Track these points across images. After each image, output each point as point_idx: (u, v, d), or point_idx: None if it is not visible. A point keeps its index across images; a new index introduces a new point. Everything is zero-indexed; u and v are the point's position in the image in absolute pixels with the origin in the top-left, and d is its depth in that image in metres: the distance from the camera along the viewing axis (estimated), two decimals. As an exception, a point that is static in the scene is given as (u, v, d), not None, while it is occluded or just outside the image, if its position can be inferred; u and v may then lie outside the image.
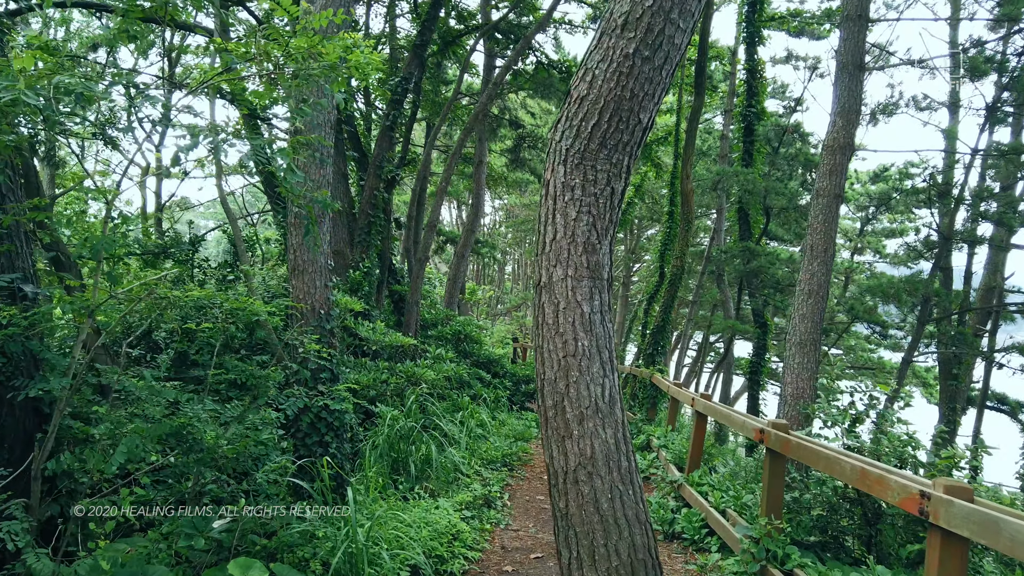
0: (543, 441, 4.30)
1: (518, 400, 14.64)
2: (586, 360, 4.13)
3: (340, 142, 12.47)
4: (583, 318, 4.16)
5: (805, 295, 8.57)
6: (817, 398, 7.55)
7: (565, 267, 4.21)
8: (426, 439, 8.60)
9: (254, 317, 5.98)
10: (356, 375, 9.50)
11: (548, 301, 4.24)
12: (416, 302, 12.82)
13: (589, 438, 4.06)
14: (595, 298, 4.22)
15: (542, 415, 4.27)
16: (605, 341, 4.21)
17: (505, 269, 49.63)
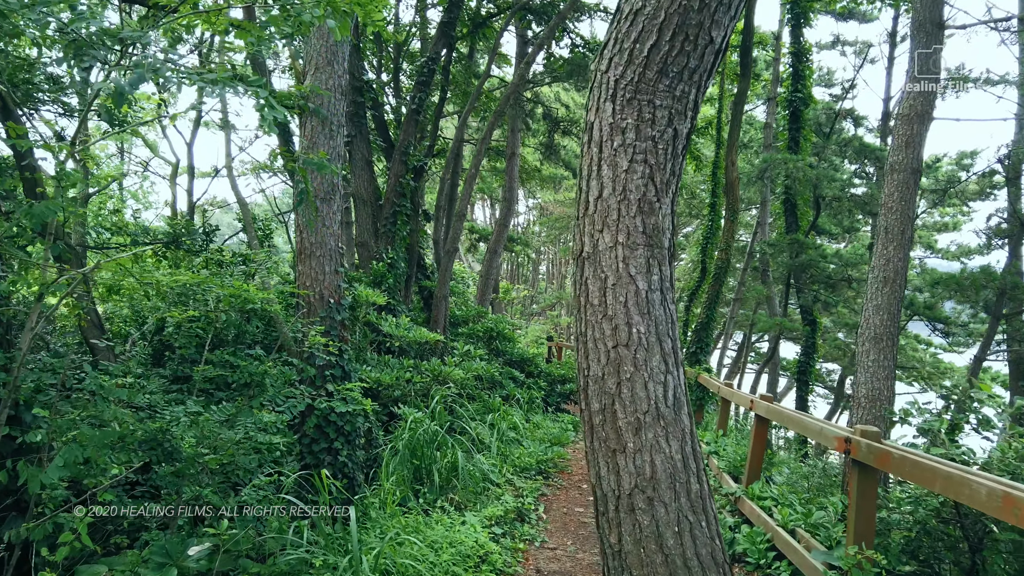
0: (587, 455, 3.34)
1: (553, 401, 13.68)
2: (643, 351, 3.16)
3: (364, 127, 11.67)
4: (638, 297, 3.20)
5: (880, 283, 7.46)
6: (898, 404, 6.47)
7: (615, 232, 3.25)
8: (452, 444, 7.68)
9: (248, 305, 5.12)
10: (377, 373, 8.64)
11: (593, 276, 3.29)
12: (444, 296, 11.94)
13: (648, 452, 3.09)
14: (653, 271, 3.25)
15: (586, 421, 3.31)
16: (667, 327, 3.24)
17: (539, 268, 48.64)
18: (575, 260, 3.44)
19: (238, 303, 5.24)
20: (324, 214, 6.19)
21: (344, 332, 6.15)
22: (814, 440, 5.54)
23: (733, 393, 9.01)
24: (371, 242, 11.49)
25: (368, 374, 8.51)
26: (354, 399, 5.55)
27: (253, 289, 5.19)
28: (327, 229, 6.19)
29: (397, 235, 11.49)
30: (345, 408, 5.41)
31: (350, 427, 5.77)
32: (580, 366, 3.35)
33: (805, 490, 7.99)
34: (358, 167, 11.59)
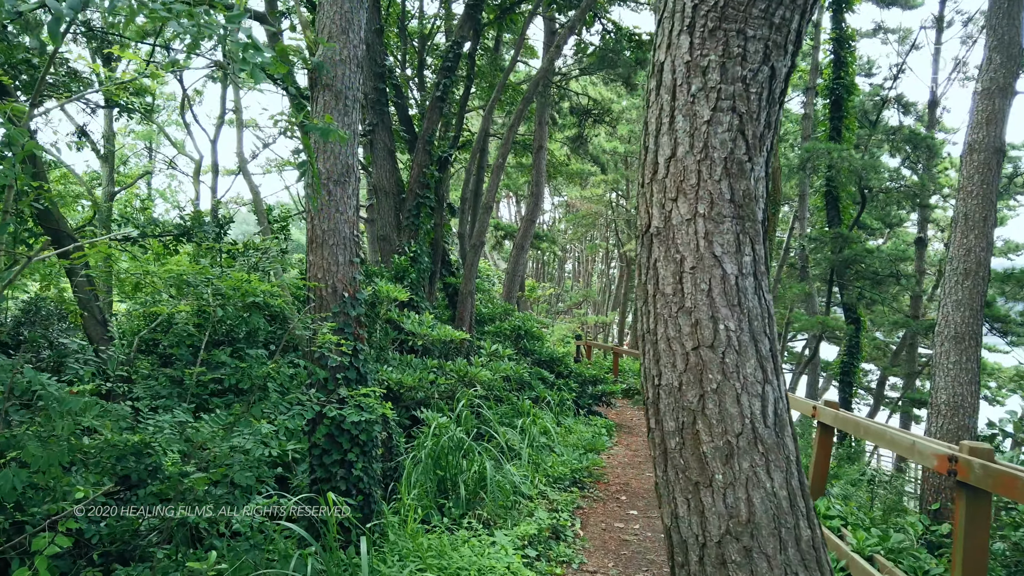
0: (659, 489, 2.59)
1: (585, 403, 12.91)
2: (733, 354, 2.40)
3: (387, 115, 11.00)
4: (726, 284, 2.44)
5: (960, 276, 6.60)
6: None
7: (693, 201, 2.49)
8: (480, 452, 6.97)
9: (250, 299, 4.45)
10: (399, 374, 7.96)
11: (665, 257, 2.53)
12: (470, 292, 11.23)
13: (744, 487, 2.33)
14: (744, 251, 2.49)
15: (656, 444, 2.56)
16: (763, 323, 2.48)
17: (565, 267, 47.83)
18: (639, 238, 2.70)
19: (238, 296, 4.57)
20: (338, 198, 5.50)
21: (360, 329, 5.46)
22: (908, 457, 4.72)
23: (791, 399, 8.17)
24: (393, 236, 10.82)
25: (389, 375, 7.83)
26: (369, 406, 4.85)
27: (256, 280, 4.52)
28: (341, 215, 5.50)
29: (421, 228, 10.81)
30: (359, 417, 4.70)
31: (366, 436, 5.08)
32: (647, 372, 2.60)
33: (868, 505, 7.16)
34: (380, 157, 10.93)
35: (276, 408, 4.27)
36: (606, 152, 27.03)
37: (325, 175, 5.49)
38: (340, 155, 5.54)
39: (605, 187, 31.86)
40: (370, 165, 11.39)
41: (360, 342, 5.42)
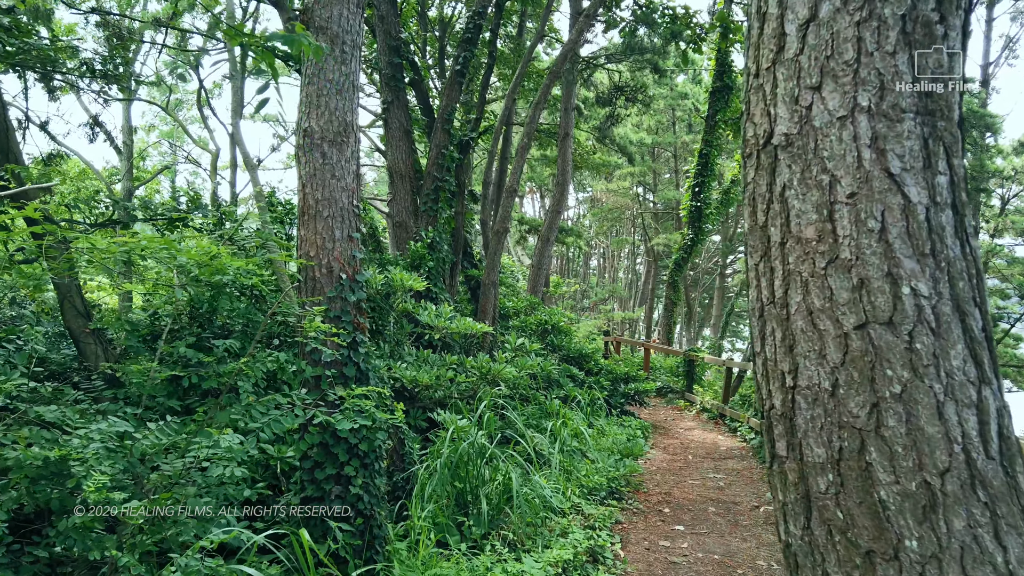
0: (792, 556, 1.61)
1: (617, 403, 11.90)
2: (927, 336, 1.38)
3: (402, 93, 10.09)
4: (910, 221, 1.45)
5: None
6: None
7: (850, 87, 1.49)
8: (504, 460, 6.02)
9: (221, 278, 3.54)
10: (414, 372, 7.04)
11: (801, 181, 1.52)
12: (493, 283, 10.29)
13: (958, 562, 1.35)
14: (937, 166, 1.48)
15: (785, 485, 1.56)
16: (970, 285, 1.48)
17: (590, 263, 46.72)
18: (749, 156, 1.72)
19: (206, 274, 3.66)
20: (334, 161, 4.58)
21: (360, 318, 4.54)
22: None
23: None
24: (410, 222, 9.91)
25: (403, 372, 6.92)
26: (367, 411, 3.92)
27: (226, 255, 3.61)
28: (337, 181, 4.58)
29: (440, 215, 9.89)
30: (352, 424, 3.78)
31: (366, 446, 4.15)
32: (770, 368, 1.62)
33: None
34: (395, 138, 10.03)
35: (248, 413, 3.36)
36: (633, 143, 25.92)
37: (318, 134, 4.57)
38: (336, 110, 4.62)
39: (631, 180, 30.75)
40: (384, 144, 10.51)
41: (361, 332, 4.49)
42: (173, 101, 30.17)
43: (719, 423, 12.94)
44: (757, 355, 1.66)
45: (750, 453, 10.16)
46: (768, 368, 1.60)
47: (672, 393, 16.24)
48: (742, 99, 1.77)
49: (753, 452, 10.12)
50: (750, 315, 1.71)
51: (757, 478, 8.64)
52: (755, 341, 1.67)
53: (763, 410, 1.67)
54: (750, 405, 12.59)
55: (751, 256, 1.67)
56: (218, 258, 3.50)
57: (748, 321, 42.26)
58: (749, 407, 12.44)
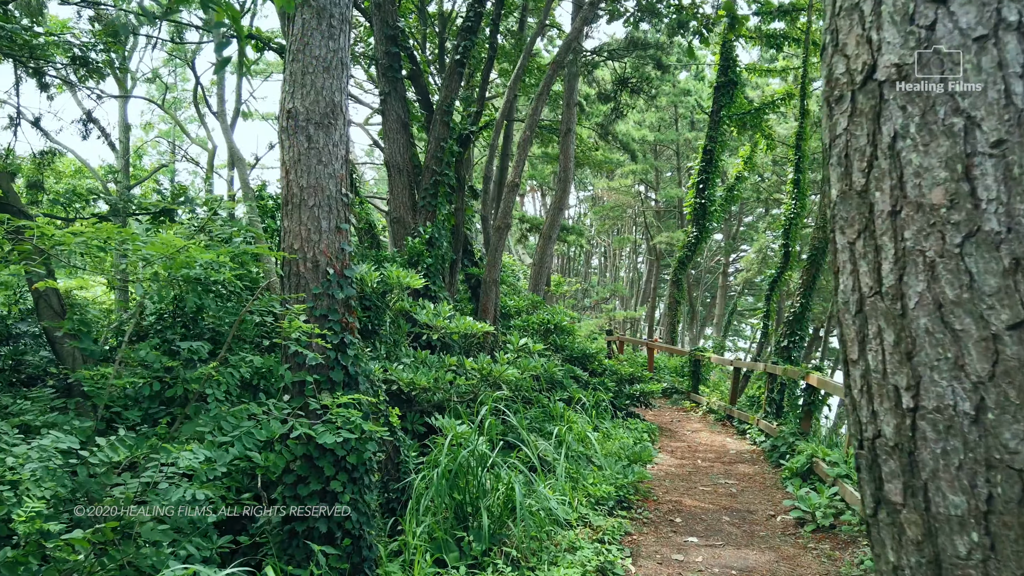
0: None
1: (622, 404, 11.49)
2: None
3: (400, 84, 9.67)
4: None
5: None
6: None
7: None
8: (507, 469, 5.60)
9: (189, 272, 3.13)
10: (411, 374, 6.63)
11: (923, 122, 1.12)
12: (494, 281, 9.87)
13: None
14: None
15: (901, 538, 1.15)
16: None
17: (591, 262, 46.30)
18: (836, 101, 1.29)
19: (174, 268, 3.24)
20: (320, 145, 4.16)
21: (349, 317, 4.12)
22: None
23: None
24: (408, 218, 9.49)
25: (399, 374, 6.51)
26: (352, 422, 3.49)
27: (196, 248, 3.19)
28: (324, 167, 4.16)
29: (439, 210, 9.46)
30: (332, 438, 3.35)
31: (355, 459, 3.73)
32: (873, 382, 1.20)
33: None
34: (392, 130, 9.61)
35: (219, 425, 2.93)
36: (635, 140, 25.48)
37: (303, 115, 4.15)
38: (323, 90, 4.20)
39: (633, 178, 30.33)
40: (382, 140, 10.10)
41: (350, 333, 4.07)
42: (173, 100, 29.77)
43: (727, 425, 12.52)
44: (853, 364, 1.23)
45: (761, 457, 9.74)
46: (872, 383, 1.18)
47: (677, 394, 15.82)
48: (824, 29, 1.33)
49: (764, 456, 9.69)
50: (840, 311, 1.29)
51: (771, 484, 8.22)
52: (849, 345, 1.25)
53: (859, 438, 1.24)
54: (759, 407, 12.17)
55: (843, 233, 1.25)
56: (186, 250, 3.08)
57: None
58: (758, 409, 12.02)
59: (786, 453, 8.94)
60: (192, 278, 3.30)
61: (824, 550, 5.89)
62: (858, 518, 6.11)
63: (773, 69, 20.30)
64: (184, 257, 3.05)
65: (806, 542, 6.10)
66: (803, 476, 7.97)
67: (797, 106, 19.46)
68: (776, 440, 9.46)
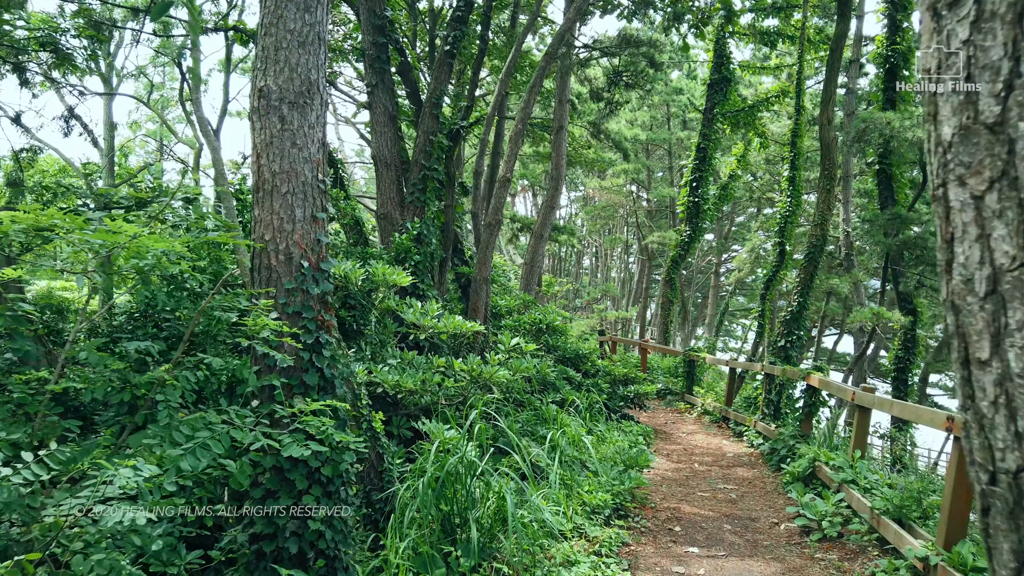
0: None
1: (616, 406, 11.15)
2: None
3: (387, 75, 9.29)
4: None
5: None
6: None
7: None
8: (498, 477, 5.25)
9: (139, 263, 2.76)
10: (397, 376, 6.26)
11: None
12: (485, 279, 9.52)
13: None
14: None
15: None
16: None
17: (583, 262, 45.99)
18: (940, 6, 0.94)
19: (124, 259, 2.87)
20: (295, 127, 3.80)
21: (326, 315, 3.75)
22: (921, 423, 2.83)
23: (882, 402, 6.38)
24: (395, 214, 9.12)
25: (385, 376, 6.14)
26: (323, 432, 3.12)
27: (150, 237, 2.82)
28: (299, 151, 3.79)
29: (428, 206, 9.09)
30: (299, 452, 2.99)
31: (331, 471, 3.36)
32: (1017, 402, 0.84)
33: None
34: (379, 123, 9.24)
35: (170, 436, 2.57)
36: (627, 139, 25.17)
37: (276, 94, 3.78)
38: (298, 66, 3.83)
39: (625, 177, 30.03)
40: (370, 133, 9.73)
41: (326, 332, 3.70)
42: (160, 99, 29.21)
43: (722, 426, 12.20)
44: (981, 366, 0.88)
45: (760, 460, 9.42)
46: (1015, 393, 0.83)
47: (671, 395, 15.50)
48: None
49: (763, 459, 9.38)
50: (953, 295, 0.94)
51: (772, 489, 7.89)
52: (972, 341, 0.89)
53: (991, 469, 0.90)
54: (755, 408, 11.87)
55: (963, 185, 0.89)
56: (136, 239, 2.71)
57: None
58: (755, 410, 11.72)
59: (786, 457, 8.63)
60: (162, 273, 2.93)
61: (832, 561, 5.57)
62: (867, 527, 5.79)
63: (767, 67, 20.05)
64: (136, 245, 2.69)
65: (812, 552, 5.77)
66: (805, 481, 7.66)
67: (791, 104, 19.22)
68: (775, 443, 9.15)
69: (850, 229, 17.05)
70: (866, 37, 18.06)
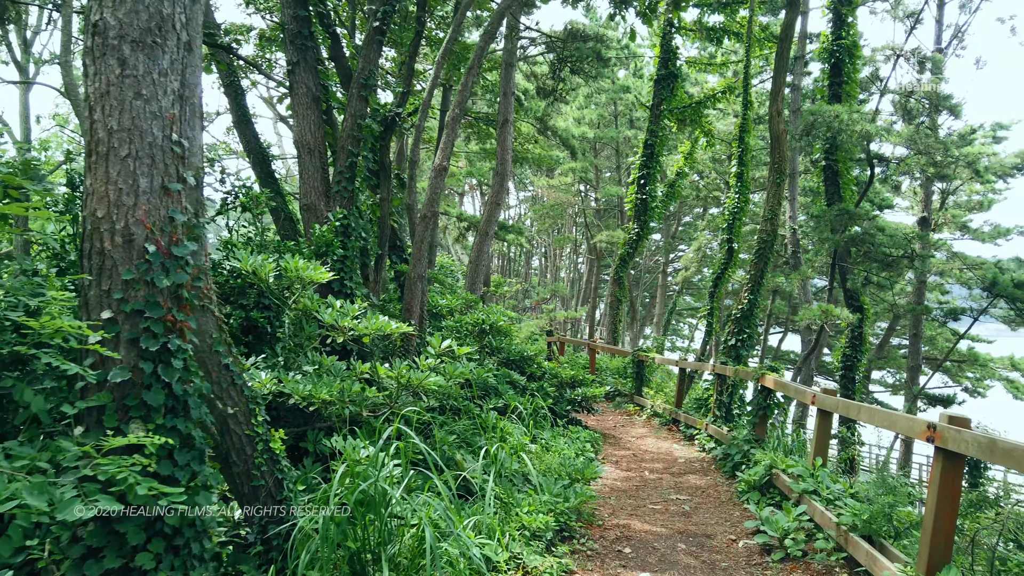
0: None
1: (562, 410, 10.45)
2: None
3: (310, 52, 8.37)
4: None
5: None
6: None
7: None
8: (425, 501, 4.44)
9: None
10: (310, 385, 5.39)
11: None
12: (420, 276, 8.68)
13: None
14: None
15: None
16: None
17: (532, 262, 45.42)
18: None
19: None
20: (140, 73, 2.93)
21: (179, 313, 2.89)
22: (898, 431, 2.24)
23: (848, 406, 5.79)
24: (320, 204, 8.22)
25: (294, 386, 5.27)
26: (124, 480, 2.27)
27: None
28: (145, 103, 2.93)
29: (356, 196, 8.21)
30: (111, 506, 2.14)
31: (176, 520, 2.51)
32: None
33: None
34: (302, 105, 8.33)
35: None
36: (575, 137, 24.63)
37: (116, 30, 2.90)
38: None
39: (573, 176, 29.53)
40: (291, 117, 8.79)
41: (179, 336, 2.85)
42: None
43: (673, 429, 11.63)
44: None
45: (712, 466, 8.84)
46: None
47: (620, 396, 14.91)
48: None
49: (716, 465, 8.80)
50: None
51: (726, 499, 7.29)
52: None
53: None
54: (707, 410, 11.35)
55: None
56: None
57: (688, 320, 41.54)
58: (706, 412, 11.18)
59: (741, 463, 8.05)
60: None
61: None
62: (833, 544, 5.19)
63: (714, 63, 19.73)
64: None
65: (775, 573, 5.14)
66: (762, 490, 7.07)
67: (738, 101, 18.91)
68: (728, 447, 8.57)
69: (797, 227, 16.79)
70: (811, 34, 17.86)
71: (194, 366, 2.87)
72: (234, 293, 6.44)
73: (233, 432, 4.21)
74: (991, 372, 22.30)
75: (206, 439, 2.86)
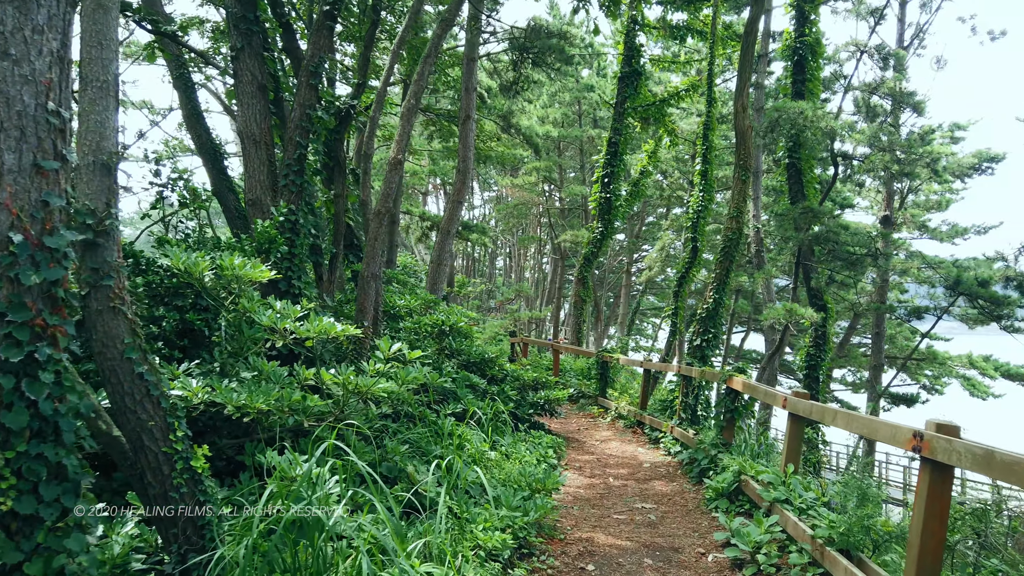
0: None
1: (524, 414, 10.06)
2: None
3: (256, 38, 7.81)
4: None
5: None
6: None
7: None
8: (354, 531, 3.99)
9: None
10: (246, 394, 4.89)
11: None
12: (373, 276, 8.19)
13: None
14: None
15: None
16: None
17: (496, 262, 45.00)
18: None
19: None
20: (8, 31, 2.44)
21: (51, 317, 2.40)
22: (878, 439, 1.91)
23: (823, 411, 5.49)
24: (265, 200, 7.68)
25: (227, 395, 4.77)
26: None
27: None
28: (14, 65, 2.43)
29: (304, 190, 7.71)
30: None
31: (39, 569, 2.03)
32: None
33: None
34: (246, 94, 7.78)
35: None
36: (539, 135, 24.29)
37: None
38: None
39: (537, 175, 29.21)
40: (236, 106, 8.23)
41: (50, 344, 2.36)
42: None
43: (638, 432, 11.33)
44: None
45: (679, 471, 8.53)
46: None
47: (584, 398, 14.58)
48: None
49: (682, 470, 8.49)
50: None
51: (694, 507, 6.96)
52: None
53: None
54: (672, 412, 11.07)
55: None
56: None
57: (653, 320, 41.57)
58: (672, 414, 10.90)
59: (708, 468, 7.75)
60: None
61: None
62: (808, 558, 4.88)
63: (677, 61, 19.58)
64: None
65: (747, 591, 4.81)
66: (730, 497, 6.77)
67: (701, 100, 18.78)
68: (695, 451, 8.27)
69: (760, 225, 16.66)
70: (774, 32, 17.79)
71: (70, 380, 2.38)
72: (169, 293, 5.91)
73: (148, 449, 3.73)
74: (949, 370, 22.58)
75: (84, 467, 2.38)
